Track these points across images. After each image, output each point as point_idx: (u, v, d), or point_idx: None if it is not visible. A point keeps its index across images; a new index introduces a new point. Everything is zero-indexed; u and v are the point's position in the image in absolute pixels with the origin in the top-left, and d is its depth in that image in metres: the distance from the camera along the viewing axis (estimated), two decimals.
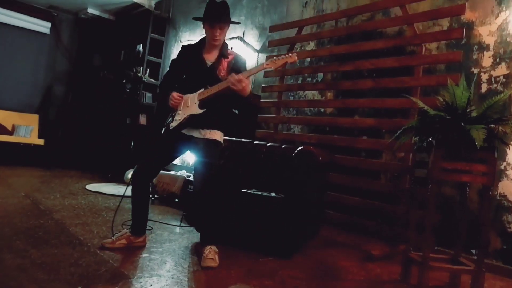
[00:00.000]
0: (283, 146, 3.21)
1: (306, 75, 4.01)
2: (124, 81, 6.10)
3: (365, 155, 3.42)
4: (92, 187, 4.33)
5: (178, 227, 3.00)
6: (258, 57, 4.88)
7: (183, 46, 2.55)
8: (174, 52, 6.37)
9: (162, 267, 2.08)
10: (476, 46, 2.95)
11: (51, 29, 7.14)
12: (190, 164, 5.16)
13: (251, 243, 2.58)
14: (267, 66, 2.25)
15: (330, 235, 3.22)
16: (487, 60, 2.87)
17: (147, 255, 2.26)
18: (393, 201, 3.06)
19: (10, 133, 6.31)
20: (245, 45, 5.02)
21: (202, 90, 2.31)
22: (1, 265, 1.83)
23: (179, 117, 2.33)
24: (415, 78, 2.95)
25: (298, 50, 4.18)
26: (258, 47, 4.88)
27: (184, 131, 2.35)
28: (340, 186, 3.34)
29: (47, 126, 6.80)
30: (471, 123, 2.06)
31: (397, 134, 2.33)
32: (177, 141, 2.38)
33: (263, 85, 4.32)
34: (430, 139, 2.21)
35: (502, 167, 2.73)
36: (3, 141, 5.94)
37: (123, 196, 2.62)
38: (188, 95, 2.35)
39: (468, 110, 2.16)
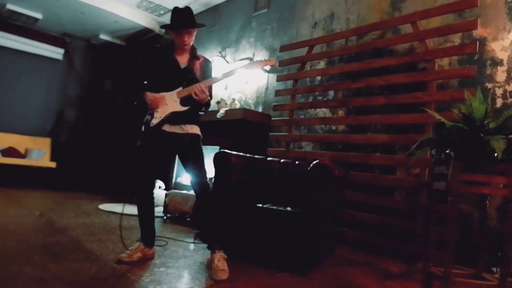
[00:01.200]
0: (296, 162, 3.21)
1: (317, 93, 4.05)
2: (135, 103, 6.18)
3: (378, 171, 3.41)
4: (105, 207, 4.34)
5: (192, 244, 2.97)
6: (268, 77, 4.96)
7: (150, 48, 2.68)
8: None
9: (180, 281, 2.06)
10: (489, 61, 2.98)
11: (64, 55, 7.36)
12: None
13: (267, 258, 2.54)
14: (248, 68, 2.40)
15: (346, 255, 3.16)
16: (501, 75, 2.89)
17: (164, 269, 2.24)
18: (410, 218, 3.02)
19: (23, 156, 6.40)
20: None
21: (180, 88, 2.38)
22: (23, 278, 1.82)
23: (159, 114, 2.38)
24: (429, 94, 2.98)
25: (308, 69, 4.25)
26: (268, 68, 4.97)
27: (165, 128, 2.40)
28: (354, 203, 3.31)
29: (58, 149, 6.89)
30: (489, 134, 2.06)
31: (413, 147, 2.33)
32: (161, 139, 2.42)
33: (274, 104, 4.36)
34: (448, 151, 2.20)
35: None
36: (16, 164, 6.02)
37: (122, 214, 2.66)
38: (164, 93, 2.40)
39: (486, 122, 2.17)
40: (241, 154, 3.05)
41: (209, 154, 2.91)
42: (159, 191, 5.06)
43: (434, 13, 3.07)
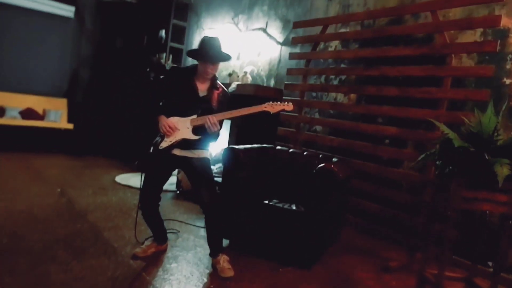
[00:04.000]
0: (305, 153, 3.27)
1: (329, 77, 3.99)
2: (148, 69, 6.18)
3: (385, 162, 3.44)
4: (121, 179, 4.54)
5: (203, 230, 3.15)
6: (281, 50, 4.85)
7: (172, 68, 2.65)
8: (197, 38, 6.37)
9: (190, 282, 2.24)
10: (510, 55, 2.86)
11: (75, 13, 7.22)
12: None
13: (272, 252, 2.71)
14: (265, 109, 2.36)
15: (349, 240, 3.32)
16: None
17: (175, 265, 2.43)
18: (412, 211, 3.11)
19: (42, 117, 6.55)
20: (268, 37, 4.99)
21: (194, 116, 2.39)
22: (48, 281, 2.02)
23: (170, 138, 2.39)
24: (443, 90, 2.92)
25: (322, 47, 4.14)
26: (281, 40, 4.84)
27: (175, 152, 2.44)
28: (360, 191, 3.41)
29: (75, 110, 7.03)
30: (496, 153, 2.07)
31: (420, 159, 2.35)
32: (169, 161, 2.48)
33: (286, 82, 4.32)
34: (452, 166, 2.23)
35: None
36: (36, 126, 6.21)
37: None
38: (177, 118, 2.41)
39: (495, 138, 2.16)
40: (249, 147, 3.12)
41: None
42: None
43: (457, 3, 2.91)
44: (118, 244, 2.62)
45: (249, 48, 5.25)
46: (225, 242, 2.72)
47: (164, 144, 2.40)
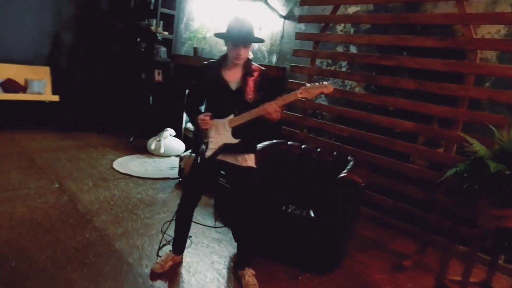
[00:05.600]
0: (318, 150, 3.16)
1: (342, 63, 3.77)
2: (138, 39, 5.77)
3: (397, 155, 3.36)
4: (119, 165, 4.37)
5: (214, 231, 3.08)
6: (284, 24, 4.54)
7: (202, 65, 2.36)
8: (189, 5, 5.92)
9: None
10: None
11: None
12: None
13: (290, 258, 2.69)
14: (300, 96, 2.11)
15: (361, 231, 3.32)
16: None
17: (195, 281, 2.38)
18: (425, 207, 3.09)
19: (24, 88, 6.13)
20: (270, 9, 4.64)
21: (231, 116, 2.21)
22: None
23: (213, 145, 2.25)
24: (465, 88, 2.78)
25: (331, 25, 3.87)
26: (284, 13, 4.52)
27: (220, 157, 2.31)
28: (373, 184, 3.35)
29: (60, 80, 6.60)
30: None
31: (447, 174, 2.28)
32: (213, 168, 2.40)
33: (291, 64, 4.08)
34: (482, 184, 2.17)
35: None
36: (19, 100, 5.83)
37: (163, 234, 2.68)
38: (217, 120, 2.24)
39: None
40: (262, 146, 2.98)
41: None
42: (170, 138, 5.07)
43: None
44: (132, 258, 2.53)
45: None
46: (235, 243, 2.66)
47: (208, 153, 2.26)
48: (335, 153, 3.09)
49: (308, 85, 2.13)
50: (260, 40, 2.31)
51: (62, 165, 4.19)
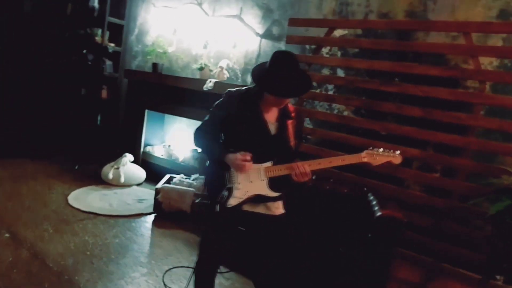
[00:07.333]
0: (331, 180, 2.96)
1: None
2: (84, 51, 5.01)
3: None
4: (76, 201, 3.63)
5: (223, 278, 2.67)
6: (260, 42, 4.31)
7: (231, 93, 1.93)
8: (142, 14, 5.34)
9: None
10: None
11: None
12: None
13: None
14: (364, 160, 1.86)
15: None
16: None
17: None
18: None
19: None
20: (245, 26, 4.37)
21: (269, 164, 1.85)
22: None
23: (240, 193, 1.83)
24: (474, 118, 2.82)
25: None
26: (260, 31, 4.29)
27: (245, 208, 1.89)
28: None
29: None
30: None
31: (493, 210, 2.23)
32: (237, 220, 1.96)
33: None
34: None
35: None
36: None
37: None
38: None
39: None
40: None
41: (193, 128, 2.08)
42: (130, 165, 4.46)
43: (495, 28, 2.78)
44: None
45: (220, 37, 4.56)
46: None
47: (233, 202, 1.82)
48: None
49: (375, 150, 1.87)
50: (310, 87, 1.89)
51: (2, 205, 3.34)
